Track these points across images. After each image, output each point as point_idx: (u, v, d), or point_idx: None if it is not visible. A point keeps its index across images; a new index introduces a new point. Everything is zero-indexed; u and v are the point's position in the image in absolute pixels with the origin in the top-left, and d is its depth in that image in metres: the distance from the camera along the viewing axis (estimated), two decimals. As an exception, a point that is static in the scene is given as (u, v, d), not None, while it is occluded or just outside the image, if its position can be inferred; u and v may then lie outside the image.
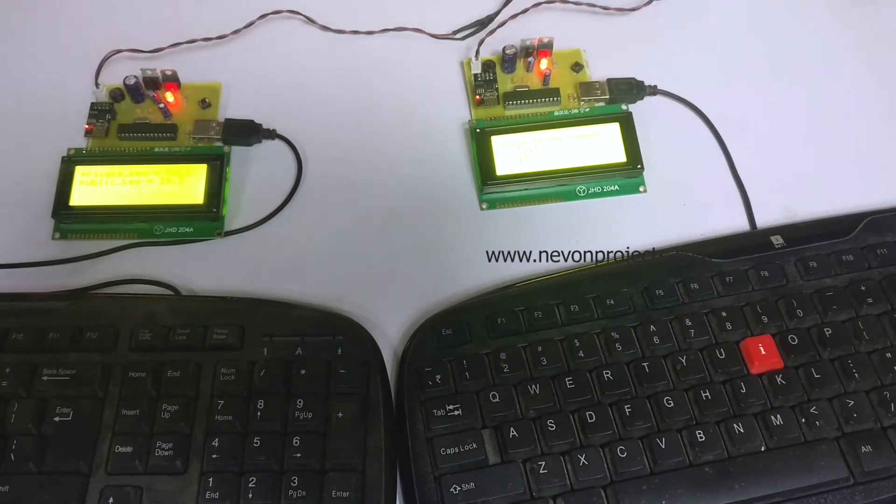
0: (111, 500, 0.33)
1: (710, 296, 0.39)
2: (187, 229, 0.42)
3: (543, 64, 0.45)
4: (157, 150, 0.43)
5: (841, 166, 0.44)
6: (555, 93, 0.45)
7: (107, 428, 0.35)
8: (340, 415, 0.35)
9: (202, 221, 0.42)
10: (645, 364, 0.37)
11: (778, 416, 0.35)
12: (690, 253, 0.40)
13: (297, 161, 0.44)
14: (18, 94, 0.46)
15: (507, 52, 0.45)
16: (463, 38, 0.48)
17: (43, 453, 0.34)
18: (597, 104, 0.45)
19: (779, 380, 0.36)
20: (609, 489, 0.34)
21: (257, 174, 0.44)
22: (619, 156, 0.43)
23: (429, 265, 0.41)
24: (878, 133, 0.45)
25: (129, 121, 0.44)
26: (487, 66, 0.46)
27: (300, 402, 0.35)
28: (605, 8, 0.49)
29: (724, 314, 0.38)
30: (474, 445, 0.35)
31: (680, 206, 0.43)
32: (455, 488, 0.34)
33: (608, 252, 0.41)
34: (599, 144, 0.43)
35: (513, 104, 0.45)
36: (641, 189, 0.43)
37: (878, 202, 0.43)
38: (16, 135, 0.45)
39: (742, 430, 0.35)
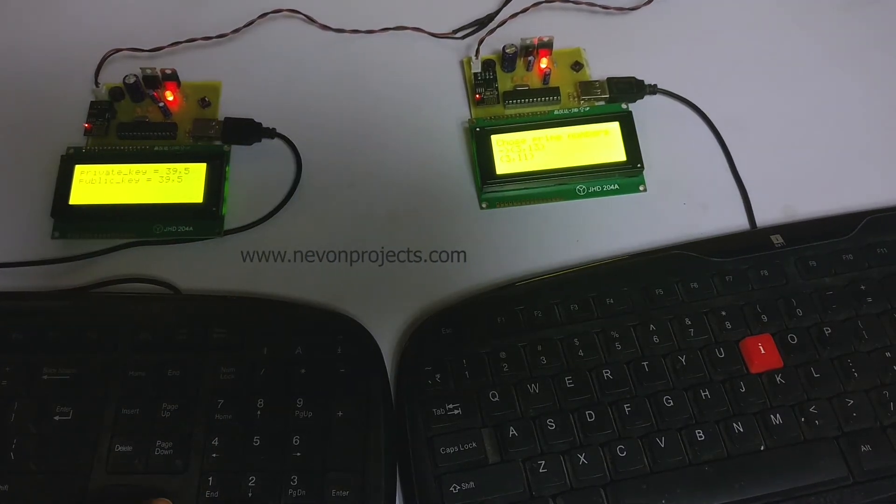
0: (111, 500, 0.33)
1: (710, 295, 0.39)
2: (187, 228, 0.42)
3: (543, 63, 0.45)
4: (156, 148, 0.43)
5: (841, 165, 0.44)
6: (555, 92, 0.45)
7: (107, 427, 0.35)
8: (340, 414, 0.35)
9: (202, 220, 0.42)
10: (644, 363, 0.37)
11: (777, 415, 0.35)
12: (690, 252, 0.40)
13: (296, 160, 0.44)
14: (18, 93, 0.46)
15: (507, 51, 0.45)
16: (463, 38, 0.48)
17: (43, 452, 0.34)
18: (597, 103, 0.45)
19: (778, 379, 0.36)
20: (609, 488, 0.34)
21: (257, 173, 0.44)
22: (618, 155, 0.43)
23: (428, 264, 0.41)
24: (877, 132, 0.45)
25: (129, 119, 0.44)
26: (487, 65, 0.46)
27: (300, 401, 0.35)
28: (604, 7, 0.49)
29: (723, 313, 0.38)
30: (474, 445, 0.35)
31: (679, 206, 0.43)
32: (455, 487, 0.34)
33: (608, 251, 0.41)
34: (599, 143, 0.43)
35: (512, 103, 0.45)
36: (641, 188, 0.43)
37: (878, 201, 0.43)
38: (15, 133, 0.44)
39: (741, 430, 0.35)
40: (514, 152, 0.43)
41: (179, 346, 0.37)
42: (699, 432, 0.35)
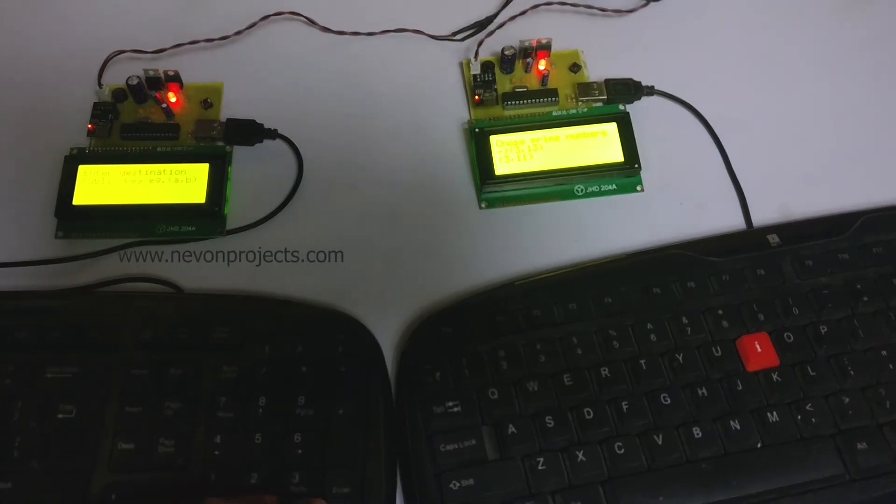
0: (113, 497, 0.34)
1: (707, 294, 0.39)
2: (190, 228, 0.42)
3: (542, 65, 0.46)
4: (159, 149, 0.43)
5: (837, 165, 0.44)
6: (553, 93, 0.45)
7: (109, 425, 0.35)
8: (341, 412, 0.35)
9: (204, 220, 0.42)
10: (642, 362, 0.37)
11: (774, 413, 0.36)
12: (687, 252, 0.40)
13: (297, 161, 0.44)
14: (22, 94, 0.46)
15: (506, 52, 0.45)
16: (462, 40, 0.48)
17: (46, 450, 0.34)
18: (594, 104, 0.45)
19: (775, 377, 0.37)
20: (606, 485, 0.34)
21: (259, 173, 0.44)
22: (616, 155, 0.43)
23: (428, 264, 0.42)
24: (874, 132, 0.45)
25: (132, 120, 0.45)
26: (486, 66, 0.46)
27: (301, 399, 0.36)
28: (602, 9, 0.49)
29: (720, 312, 0.38)
30: (473, 442, 0.35)
31: (677, 206, 0.43)
32: (454, 485, 0.34)
33: (606, 251, 0.42)
34: (597, 144, 0.43)
35: (511, 104, 0.45)
36: (639, 188, 0.44)
37: (874, 201, 0.43)
38: (19, 134, 0.45)
39: (738, 428, 0.35)
40: (513, 153, 0.43)
41: (182, 345, 0.37)
42: (696, 430, 0.35)
